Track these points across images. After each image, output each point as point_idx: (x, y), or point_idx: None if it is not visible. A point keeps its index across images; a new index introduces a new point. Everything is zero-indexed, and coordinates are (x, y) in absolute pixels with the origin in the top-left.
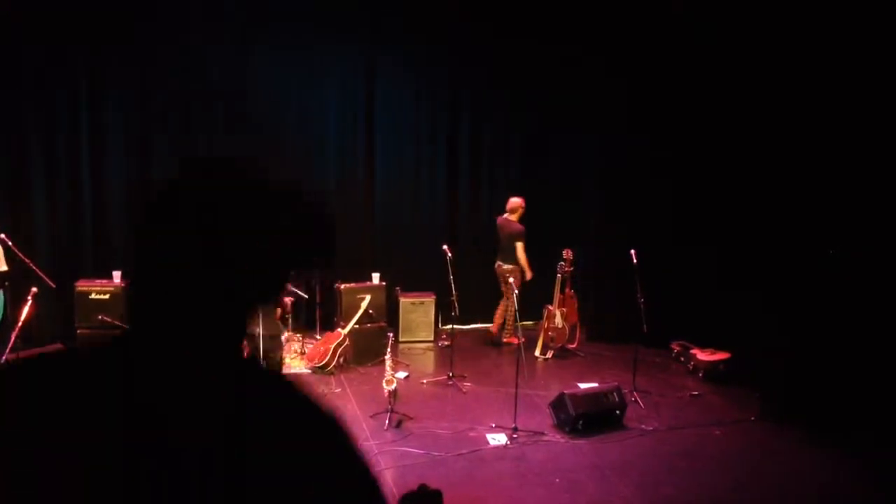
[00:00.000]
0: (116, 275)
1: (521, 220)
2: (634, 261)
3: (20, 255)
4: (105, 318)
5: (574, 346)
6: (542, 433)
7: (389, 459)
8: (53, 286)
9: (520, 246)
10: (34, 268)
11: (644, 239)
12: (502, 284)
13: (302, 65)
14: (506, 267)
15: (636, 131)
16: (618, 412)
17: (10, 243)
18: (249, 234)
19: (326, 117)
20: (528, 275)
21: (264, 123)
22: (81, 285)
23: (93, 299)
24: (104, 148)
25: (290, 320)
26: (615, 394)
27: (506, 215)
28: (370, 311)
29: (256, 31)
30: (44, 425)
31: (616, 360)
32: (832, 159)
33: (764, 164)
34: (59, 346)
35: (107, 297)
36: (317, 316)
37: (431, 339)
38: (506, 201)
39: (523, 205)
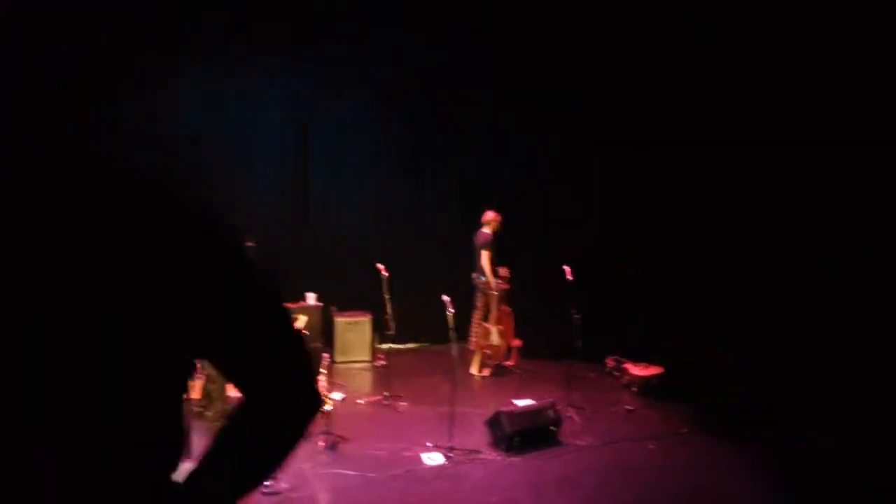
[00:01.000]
0: None
1: (496, 233)
2: (569, 276)
3: None
4: None
5: (511, 362)
6: (479, 451)
7: (323, 482)
8: None
9: (484, 254)
10: None
11: (580, 253)
12: (479, 298)
13: (233, 79)
14: (482, 280)
15: (570, 143)
16: (553, 428)
17: None
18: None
19: (260, 133)
20: (492, 283)
21: (190, 144)
22: None
23: None
24: None
25: None
26: (551, 410)
27: (482, 228)
28: (305, 332)
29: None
30: None
31: (551, 376)
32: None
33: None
34: None
35: None
36: None
37: (368, 358)
38: (440, 217)
39: (497, 218)
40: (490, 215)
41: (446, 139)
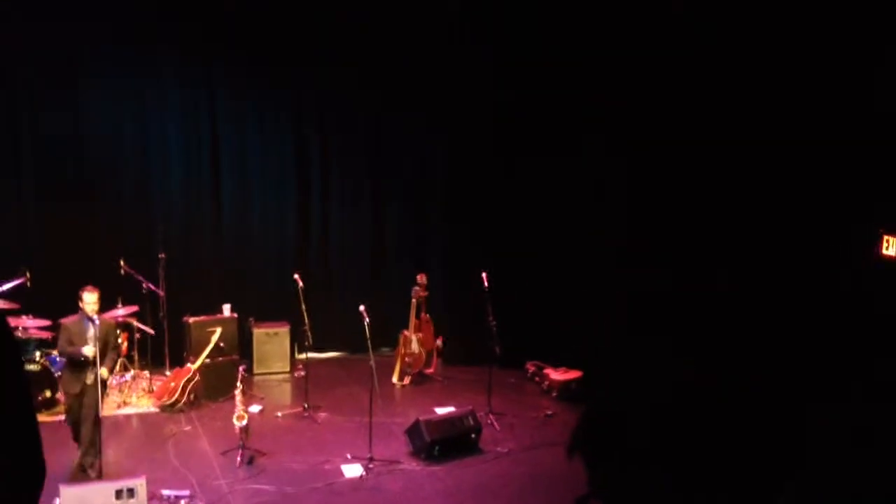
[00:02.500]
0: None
1: None
2: (485, 283)
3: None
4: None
5: (431, 370)
6: (399, 461)
7: (241, 498)
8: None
9: None
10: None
11: (497, 259)
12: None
13: (135, 96)
14: None
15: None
16: (473, 436)
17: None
18: None
19: (167, 145)
20: None
21: (99, 158)
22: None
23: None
24: None
25: (136, 358)
26: (470, 417)
27: None
28: (221, 344)
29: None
30: None
31: (472, 382)
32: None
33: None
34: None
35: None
36: (165, 352)
37: (287, 369)
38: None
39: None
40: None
41: (351, 144)
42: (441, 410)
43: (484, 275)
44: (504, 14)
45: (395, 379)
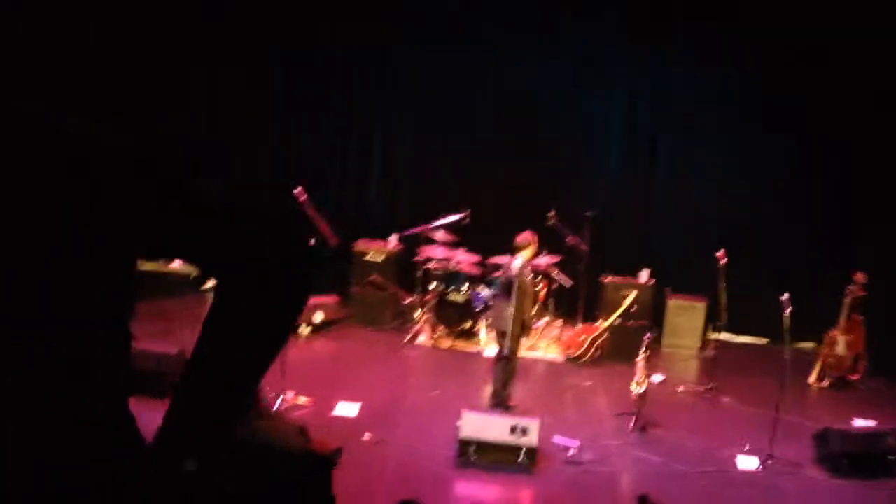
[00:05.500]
0: (392, 238)
1: None
2: None
3: (309, 209)
4: (377, 278)
5: (856, 377)
6: (800, 465)
7: (626, 462)
8: (335, 242)
9: None
10: (320, 224)
11: None
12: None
13: (584, 57)
14: None
15: None
16: (892, 458)
17: (302, 198)
18: None
19: (609, 115)
20: None
21: (546, 123)
22: (360, 245)
23: (368, 260)
24: (395, 125)
25: (552, 306)
26: (892, 437)
27: None
28: (633, 308)
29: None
30: None
31: None
32: None
33: None
34: (334, 298)
35: (381, 258)
36: (579, 306)
37: (698, 345)
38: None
39: None
40: None
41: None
42: (859, 423)
43: None
44: None
45: (812, 379)
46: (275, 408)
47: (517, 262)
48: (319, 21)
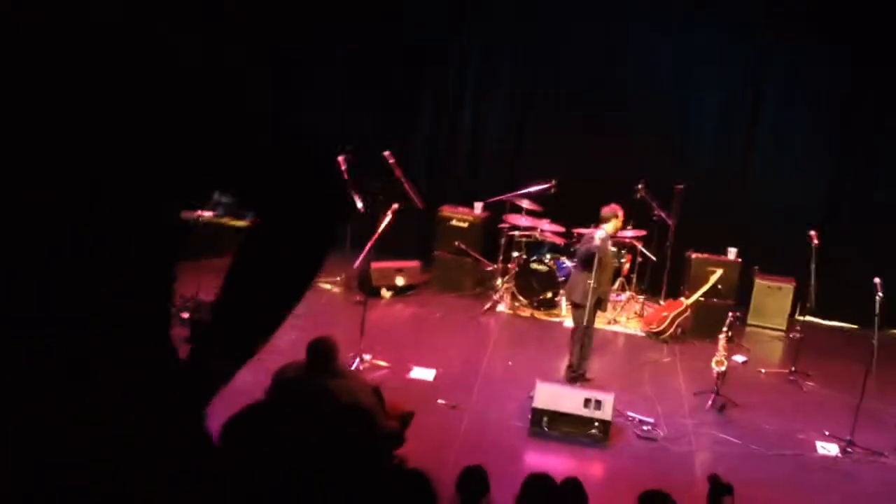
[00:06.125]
0: (478, 205)
1: None
2: None
3: (398, 172)
4: (461, 244)
5: None
6: (883, 454)
7: (704, 441)
8: (421, 206)
9: None
10: (408, 188)
11: None
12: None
13: (684, 25)
14: None
15: None
16: None
17: (391, 160)
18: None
19: (707, 81)
20: None
21: (644, 86)
22: (445, 210)
23: (452, 226)
24: (488, 93)
25: (635, 280)
26: None
27: None
28: (719, 286)
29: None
30: None
31: None
32: None
33: None
34: (416, 262)
35: (465, 224)
36: (663, 281)
37: (784, 327)
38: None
39: None
40: None
41: None
42: None
43: None
44: None
45: None
46: (352, 367)
47: (600, 232)
48: None
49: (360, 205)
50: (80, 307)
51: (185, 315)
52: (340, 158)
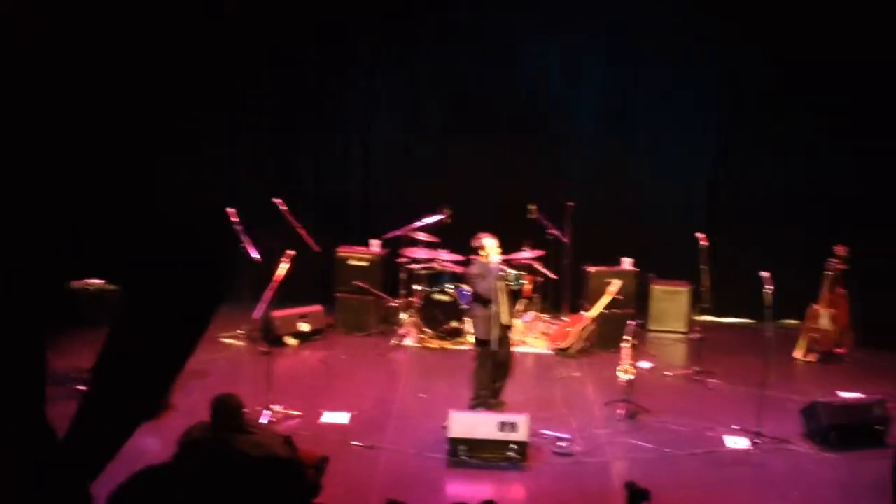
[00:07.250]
0: (374, 243)
1: None
2: None
3: (290, 218)
4: (361, 283)
5: (843, 350)
6: (789, 441)
7: (618, 451)
8: (318, 249)
9: None
10: (302, 232)
11: None
12: None
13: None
14: None
15: None
16: (879, 427)
17: (283, 207)
18: None
19: (585, 95)
20: None
21: (525, 106)
22: (342, 251)
23: (351, 265)
24: (375, 125)
25: (537, 301)
26: (878, 407)
27: None
28: (618, 297)
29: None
30: None
31: (889, 370)
32: None
33: None
34: (318, 307)
35: (365, 263)
36: (565, 297)
37: (684, 330)
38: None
39: None
40: None
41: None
42: (845, 395)
43: None
44: None
45: (798, 354)
46: (262, 421)
47: (495, 258)
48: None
49: (255, 255)
50: None
51: (81, 388)
52: (231, 211)
